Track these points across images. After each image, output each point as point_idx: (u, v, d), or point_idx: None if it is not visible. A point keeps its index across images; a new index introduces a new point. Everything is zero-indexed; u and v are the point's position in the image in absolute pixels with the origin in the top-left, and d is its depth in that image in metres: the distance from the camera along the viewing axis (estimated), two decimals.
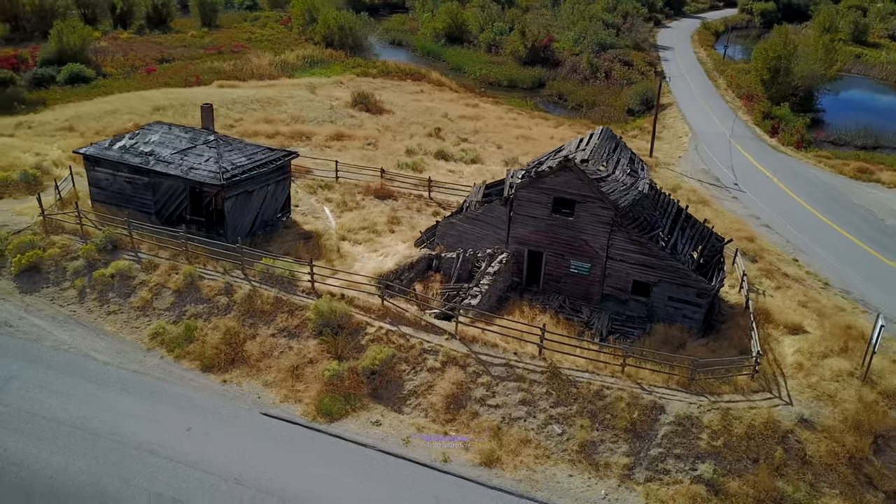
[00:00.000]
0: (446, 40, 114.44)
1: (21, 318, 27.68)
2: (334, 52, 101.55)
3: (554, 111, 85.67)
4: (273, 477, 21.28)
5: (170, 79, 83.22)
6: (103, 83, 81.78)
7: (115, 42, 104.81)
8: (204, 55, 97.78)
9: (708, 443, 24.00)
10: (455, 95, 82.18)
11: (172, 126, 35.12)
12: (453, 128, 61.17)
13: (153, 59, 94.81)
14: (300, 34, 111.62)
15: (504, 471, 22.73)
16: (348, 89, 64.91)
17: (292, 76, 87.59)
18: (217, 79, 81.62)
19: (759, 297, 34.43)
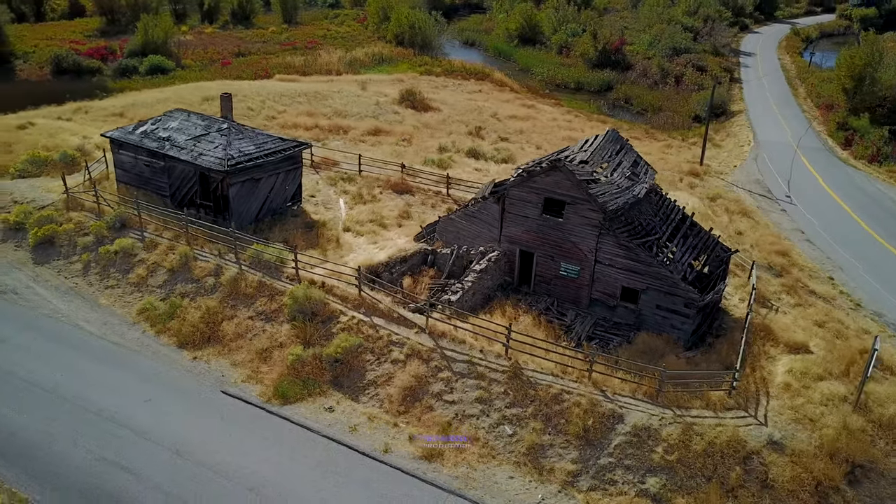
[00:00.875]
0: (519, 41, 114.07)
1: (27, 287, 29.69)
2: (404, 51, 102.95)
3: (617, 115, 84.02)
4: (213, 452, 22.06)
5: (241, 72, 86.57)
6: (180, 74, 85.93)
7: (199, 36, 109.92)
8: (279, 50, 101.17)
9: (662, 456, 23.22)
10: (513, 96, 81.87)
11: (191, 114, 36.72)
12: (498, 127, 61.05)
13: (231, 53, 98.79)
14: (374, 32, 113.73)
15: (443, 466, 22.73)
16: (404, 86, 65.71)
17: (358, 72, 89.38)
18: (283, 72, 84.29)
19: (768, 313, 32.92)
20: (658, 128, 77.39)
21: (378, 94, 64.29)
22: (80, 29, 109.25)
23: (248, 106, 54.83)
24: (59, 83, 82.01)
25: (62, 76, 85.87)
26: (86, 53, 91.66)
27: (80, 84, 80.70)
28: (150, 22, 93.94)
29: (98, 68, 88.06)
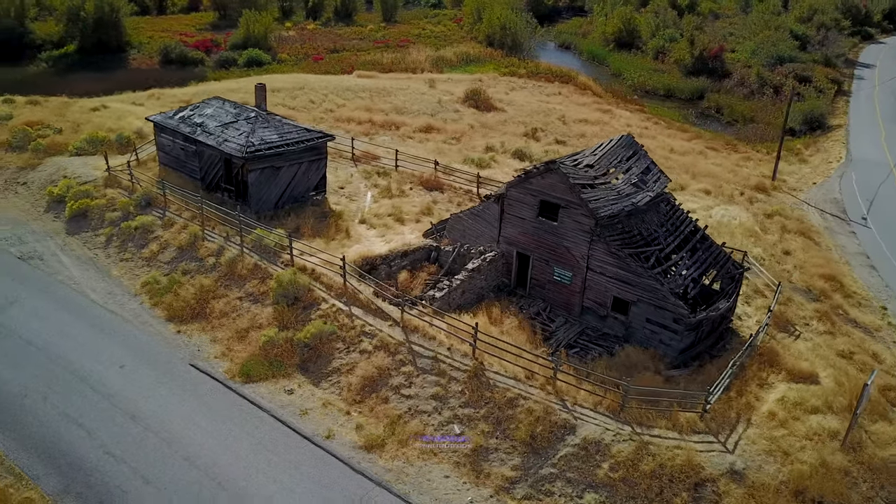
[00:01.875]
0: (615, 45, 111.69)
1: (53, 255, 32.22)
2: (493, 52, 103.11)
3: (704, 125, 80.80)
4: (165, 420, 23.24)
5: (330, 67, 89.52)
6: (273, 67, 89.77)
7: (302, 32, 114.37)
8: (371, 48, 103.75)
9: (606, 473, 22.42)
10: (592, 100, 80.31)
11: (226, 101, 38.54)
12: (559, 130, 60.18)
13: (326, 49, 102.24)
14: (468, 33, 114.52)
15: (380, 458, 22.90)
16: (471, 86, 65.90)
17: (443, 71, 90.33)
18: (369, 69, 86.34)
19: (785, 338, 30.96)
20: (744, 139, 73.90)
21: (445, 92, 64.82)
22: (194, 22, 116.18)
23: (311, 99, 56.75)
24: (166, 72, 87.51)
25: (169, 66, 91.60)
26: (192, 45, 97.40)
27: (184, 73, 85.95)
28: (252, 17, 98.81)
29: (201, 59, 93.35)
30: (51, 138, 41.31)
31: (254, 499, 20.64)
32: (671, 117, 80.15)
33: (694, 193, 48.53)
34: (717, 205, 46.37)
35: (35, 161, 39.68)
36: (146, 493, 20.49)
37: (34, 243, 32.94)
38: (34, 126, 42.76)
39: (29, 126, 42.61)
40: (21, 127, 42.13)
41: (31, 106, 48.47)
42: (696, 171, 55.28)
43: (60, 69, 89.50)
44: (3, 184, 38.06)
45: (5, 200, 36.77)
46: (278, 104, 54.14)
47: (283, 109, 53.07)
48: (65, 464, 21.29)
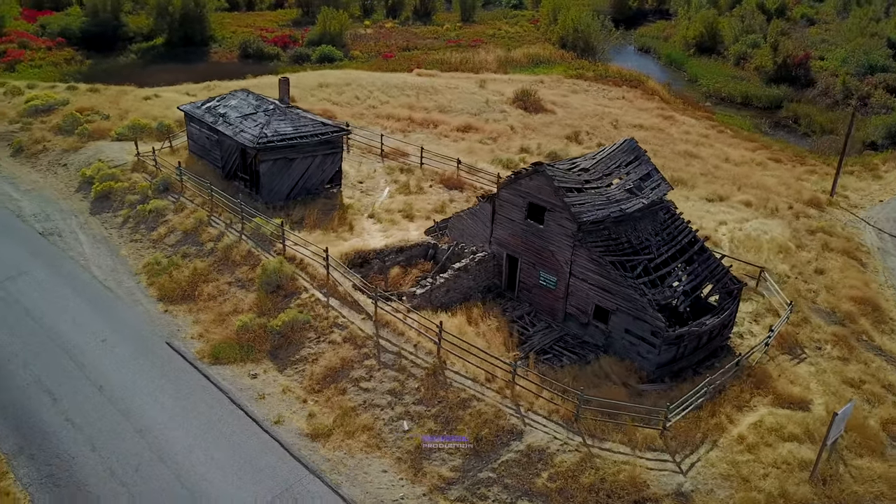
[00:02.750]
0: (696, 50, 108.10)
1: (72, 232, 34.27)
2: (565, 54, 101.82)
3: (777, 135, 77.25)
4: (129, 394, 24.38)
5: (397, 65, 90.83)
6: (343, 64, 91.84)
7: (379, 30, 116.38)
8: (443, 47, 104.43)
9: (545, 482, 21.96)
10: (657, 106, 78.11)
11: (250, 93, 39.86)
12: (608, 134, 58.91)
13: (398, 48, 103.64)
14: (543, 34, 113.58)
15: (322, 447, 23.23)
16: (522, 87, 65.32)
17: (508, 72, 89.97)
18: (433, 68, 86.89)
19: (786, 360, 29.41)
20: (817, 152, 70.22)
21: (495, 92, 64.57)
22: (278, 19, 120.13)
23: (356, 95, 57.80)
24: (244, 66, 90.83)
25: (247, 60, 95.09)
26: (271, 41, 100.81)
27: (259, 67, 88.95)
28: (329, 15, 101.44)
29: (277, 54, 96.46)
30: (97, 124, 43.87)
31: (188, 475, 21.38)
32: (740, 126, 77.03)
33: (732, 204, 46.52)
34: (754, 218, 44.30)
35: (79, 144, 42.26)
36: (90, 460, 21.59)
37: (58, 220, 35.12)
38: (84, 112, 45.50)
39: (80, 112, 45.38)
40: (73, 112, 44.90)
41: (91, 93, 51.60)
42: (745, 183, 52.90)
43: (147, 60, 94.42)
44: (46, 164, 40.73)
45: (44, 180, 39.35)
46: (324, 99, 55.45)
47: (327, 104, 54.30)
48: (26, 426, 22.70)
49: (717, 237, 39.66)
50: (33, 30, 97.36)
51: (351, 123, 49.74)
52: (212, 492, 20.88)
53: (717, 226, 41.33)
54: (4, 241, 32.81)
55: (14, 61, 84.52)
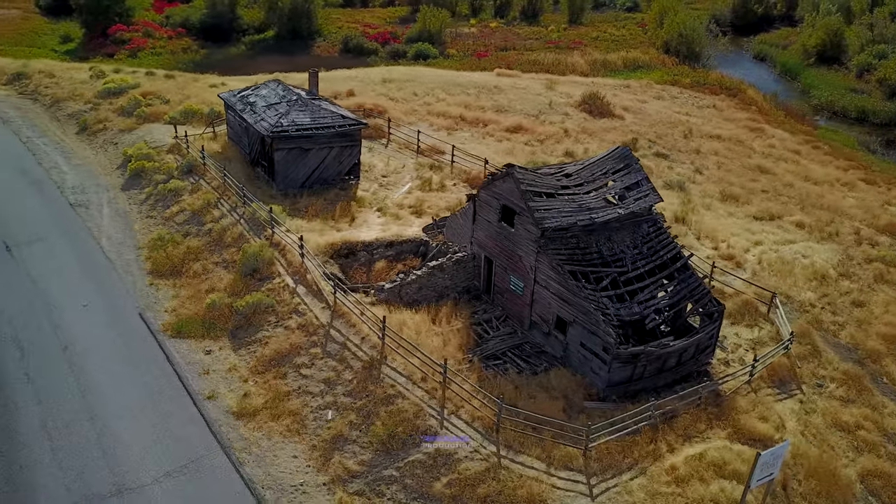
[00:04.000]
0: (816, 59, 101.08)
1: (98, 205, 37.00)
2: (666, 59, 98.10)
3: (890, 156, 71.22)
4: (88, 357, 26.11)
5: (488, 64, 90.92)
6: (435, 62, 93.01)
7: (483, 30, 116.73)
8: (541, 48, 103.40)
9: (442, 488, 21.63)
10: (749, 117, 73.80)
11: (281, 84, 41.36)
12: (672, 143, 56.42)
13: (496, 47, 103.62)
14: (649, 38, 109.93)
15: (243, 426, 23.94)
16: (593, 90, 63.61)
17: (605, 76, 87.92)
18: (531, 70, 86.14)
19: (772, 394, 27.38)
20: None
21: (563, 94, 63.27)
22: (387, 16, 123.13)
23: (415, 91, 58.45)
24: (343, 60, 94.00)
25: (347, 54, 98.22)
26: (372, 37, 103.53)
27: (357, 62, 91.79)
28: (429, 13, 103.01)
29: (375, 50, 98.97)
30: (155, 107, 47.01)
31: (108, 437, 22.69)
32: (843, 143, 71.42)
33: (782, 225, 43.35)
34: (802, 240, 41.08)
35: (134, 125, 45.47)
36: (31, 413, 23.40)
37: (91, 193, 38.03)
38: (148, 96, 48.87)
39: (144, 96, 48.78)
40: (136, 96, 48.36)
41: (165, 79, 55.27)
42: (814, 203, 49.13)
43: (255, 52, 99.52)
44: (101, 142, 44.15)
45: (94, 156, 42.69)
46: (382, 94, 56.49)
47: (384, 99, 55.28)
48: None
49: (744, 257, 37.14)
50: (159, 20, 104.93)
51: (401, 119, 50.48)
52: (123, 456, 22.07)
53: (750, 245, 38.70)
54: (37, 208, 35.92)
55: (137, 49, 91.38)
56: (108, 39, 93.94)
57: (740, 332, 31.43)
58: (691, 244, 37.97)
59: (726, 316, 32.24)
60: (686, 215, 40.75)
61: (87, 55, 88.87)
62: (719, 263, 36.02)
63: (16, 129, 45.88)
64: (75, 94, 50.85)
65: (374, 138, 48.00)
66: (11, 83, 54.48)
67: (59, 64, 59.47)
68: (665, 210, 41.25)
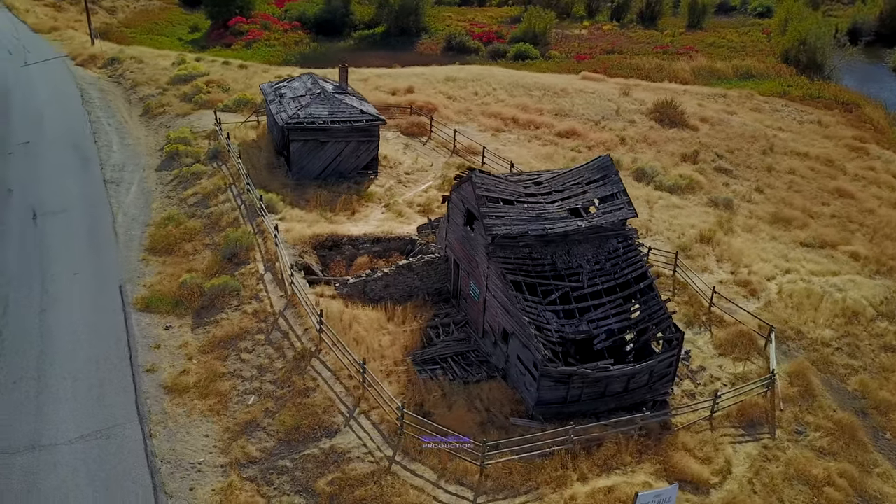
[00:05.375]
0: None
1: (129, 184, 39.60)
2: (785, 68, 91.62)
3: None
4: (58, 320, 28.05)
5: (586, 66, 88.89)
6: (534, 63, 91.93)
7: (594, 32, 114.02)
8: (648, 52, 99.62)
9: (324, 485, 21.63)
10: (856, 134, 67.64)
11: (312, 77, 42.49)
12: (743, 159, 52.75)
13: (601, 50, 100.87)
14: (771, 46, 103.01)
15: (168, 400, 24.92)
16: (667, 98, 60.38)
17: (709, 84, 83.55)
18: (629, 75, 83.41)
19: (732, 435, 25.35)
20: None
21: (636, 101, 60.56)
22: (499, 15, 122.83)
23: (476, 91, 58.11)
24: (444, 57, 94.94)
25: (449, 52, 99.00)
26: (477, 36, 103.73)
27: (455, 60, 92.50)
28: (535, 14, 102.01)
29: (477, 49, 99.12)
30: (213, 95, 49.67)
31: (44, 396, 24.34)
32: None
33: (832, 254, 39.55)
34: (847, 273, 37.31)
35: (190, 111, 48.28)
36: None
37: (127, 172, 40.82)
38: (211, 84, 51.70)
39: (207, 84, 51.65)
40: (199, 83, 51.29)
41: (238, 69, 58.24)
42: (889, 234, 44.36)
43: (363, 46, 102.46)
44: (157, 125, 47.23)
45: (145, 138, 45.73)
46: (441, 92, 56.63)
47: (442, 97, 55.40)
48: None
49: (764, 286, 34.25)
50: (278, 13, 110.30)
51: (450, 118, 50.47)
52: (51, 415, 23.62)
53: (777, 273, 35.57)
54: (74, 182, 39.00)
55: (252, 40, 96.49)
56: (228, 31, 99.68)
57: (726, 364, 29.07)
58: (707, 266, 35.47)
59: (715, 346, 30.02)
60: (714, 235, 38.00)
61: (208, 45, 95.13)
62: (729, 290, 33.43)
63: (90, 108, 49.96)
64: (152, 79, 54.64)
65: (415, 135, 48.24)
66: (105, 66, 59.35)
67: (150, 51, 64.03)
68: (692, 228, 38.76)
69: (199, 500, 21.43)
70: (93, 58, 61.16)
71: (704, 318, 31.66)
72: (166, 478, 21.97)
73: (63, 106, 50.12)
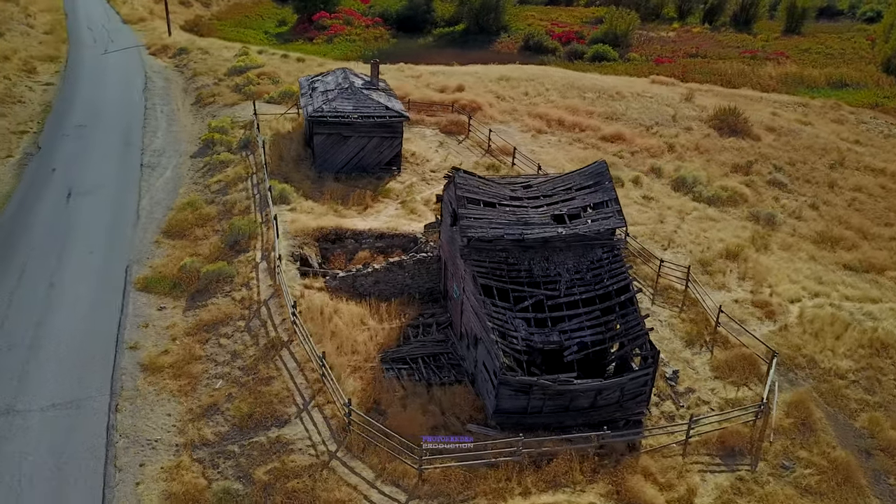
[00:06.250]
0: None
1: (164, 168, 41.27)
2: (885, 78, 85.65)
3: None
4: (64, 292, 29.63)
5: (661, 69, 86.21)
6: (612, 65, 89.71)
7: (683, 35, 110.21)
8: (734, 56, 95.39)
9: (262, 473, 21.88)
10: None
11: (346, 72, 43.04)
12: (805, 173, 49.64)
13: (685, 53, 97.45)
14: (872, 53, 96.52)
15: (143, 378, 25.76)
16: (731, 104, 57.41)
17: (793, 92, 79.27)
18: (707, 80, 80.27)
19: (705, 466, 24.06)
20: None
21: (698, 107, 57.95)
22: (584, 16, 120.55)
23: (526, 91, 57.20)
24: (521, 57, 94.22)
25: (525, 52, 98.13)
26: (556, 36, 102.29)
27: (530, 59, 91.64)
28: (617, 15, 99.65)
29: (554, 49, 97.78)
30: (262, 87, 51.13)
31: (35, 363, 25.68)
32: None
33: (877, 279, 36.90)
34: (887, 300, 34.61)
35: (237, 101, 49.90)
36: None
37: (165, 157, 42.58)
38: (262, 76, 53.22)
39: (259, 76, 53.21)
40: (250, 75, 52.91)
41: (297, 62, 59.75)
42: None
43: (440, 44, 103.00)
44: (204, 114, 49.04)
45: (191, 126, 47.56)
46: (489, 91, 56.14)
47: (490, 96, 54.94)
48: None
49: (784, 308, 32.15)
50: (362, 9, 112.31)
51: (494, 118, 50.02)
52: (33, 383, 24.88)
53: (804, 296, 33.29)
54: (113, 165, 41.06)
55: (333, 35, 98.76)
56: (312, 25, 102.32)
57: (720, 388, 27.45)
58: (725, 283, 33.61)
59: (713, 368, 28.44)
60: (742, 251, 35.91)
61: (292, 38, 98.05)
62: (744, 310, 31.58)
63: (149, 96, 52.50)
64: (211, 69, 56.82)
65: (453, 133, 48.03)
66: (175, 56, 62.18)
67: (219, 42, 66.57)
68: (720, 242, 36.80)
69: (146, 476, 22.07)
70: (165, 48, 64.19)
71: (708, 337, 29.98)
72: (120, 452, 22.76)
73: (125, 93, 52.89)
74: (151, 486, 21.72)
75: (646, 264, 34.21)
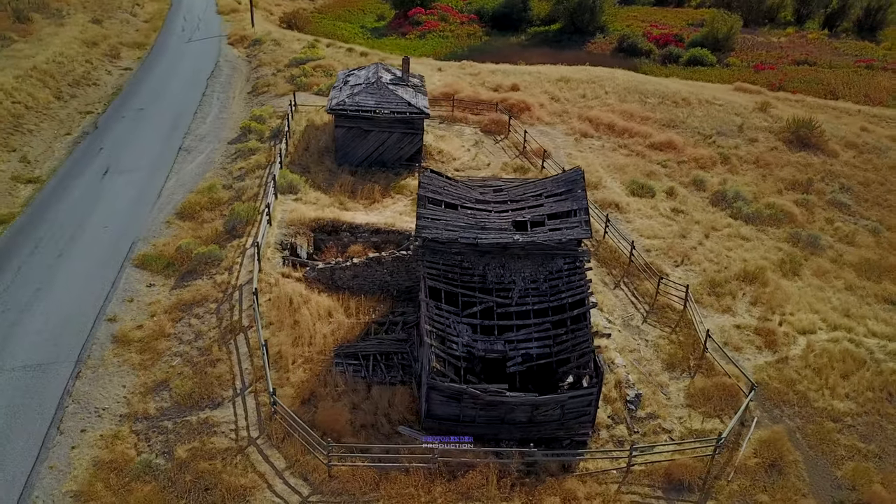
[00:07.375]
0: None
1: (199, 153, 42.94)
2: None
3: None
4: (67, 262, 31.52)
5: (760, 76, 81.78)
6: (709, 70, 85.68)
7: (796, 40, 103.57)
8: (847, 65, 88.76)
9: (182, 452, 22.50)
10: None
11: (379, 66, 43.22)
12: (877, 196, 45.53)
13: (792, 60, 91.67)
14: None
15: (111, 350, 26.95)
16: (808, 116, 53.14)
17: None
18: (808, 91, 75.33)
19: (648, 496, 22.82)
20: None
21: (771, 118, 54.11)
22: (690, 17, 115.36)
23: (583, 93, 55.42)
24: (613, 59, 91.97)
25: (619, 53, 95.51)
26: (654, 38, 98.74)
27: (622, 62, 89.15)
28: (719, 17, 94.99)
29: (649, 51, 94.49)
30: (313, 79, 52.30)
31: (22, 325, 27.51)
32: None
33: None
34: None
35: (287, 91, 51.28)
36: None
37: (205, 143, 44.38)
38: (318, 69, 54.44)
39: (314, 68, 54.47)
40: (305, 68, 54.25)
41: (360, 56, 60.68)
42: None
43: (534, 42, 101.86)
44: (255, 103, 50.70)
45: (238, 113, 49.28)
46: (544, 92, 54.89)
47: (545, 97, 53.73)
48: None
49: (791, 339, 29.66)
50: (460, 6, 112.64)
51: (542, 119, 49.02)
52: (13, 343, 26.60)
53: (820, 328, 30.60)
54: (154, 147, 43.18)
55: (427, 31, 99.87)
56: (407, 20, 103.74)
57: (688, 417, 25.68)
58: (731, 306, 31.31)
59: (687, 395, 26.66)
60: (762, 274, 33.32)
61: (386, 33, 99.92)
62: (742, 337, 29.41)
63: (211, 84, 54.90)
64: (275, 60, 58.72)
65: (492, 133, 47.39)
66: (249, 47, 64.74)
67: (292, 34, 68.59)
68: (742, 263, 34.35)
69: (84, 441, 23.16)
70: (243, 38, 66.91)
71: (693, 363, 28.06)
72: (68, 416, 23.99)
73: (191, 79, 55.58)
74: (85, 452, 22.74)
75: (648, 280, 32.42)
